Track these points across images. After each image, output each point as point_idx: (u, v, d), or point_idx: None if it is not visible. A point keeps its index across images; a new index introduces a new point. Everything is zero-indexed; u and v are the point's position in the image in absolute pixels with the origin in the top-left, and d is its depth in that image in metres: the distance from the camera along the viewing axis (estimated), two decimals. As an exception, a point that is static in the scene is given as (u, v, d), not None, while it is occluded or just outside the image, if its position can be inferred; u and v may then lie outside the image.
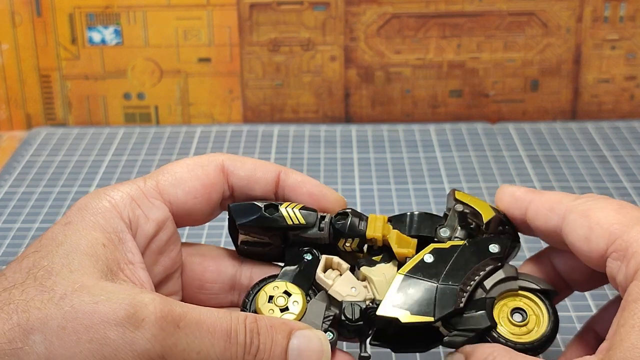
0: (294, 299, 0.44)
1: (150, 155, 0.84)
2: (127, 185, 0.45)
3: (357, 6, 0.87)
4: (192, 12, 0.88)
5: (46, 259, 0.40)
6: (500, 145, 0.85)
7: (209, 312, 0.40)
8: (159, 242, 0.45)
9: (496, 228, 0.47)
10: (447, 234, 0.47)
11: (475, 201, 0.48)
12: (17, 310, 0.37)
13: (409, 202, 0.74)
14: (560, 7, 0.87)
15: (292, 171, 0.48)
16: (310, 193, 0.47)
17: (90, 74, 0.90)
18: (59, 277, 0.39)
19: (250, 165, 0.47)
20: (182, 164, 0.47)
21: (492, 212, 0.47)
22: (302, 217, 0.45)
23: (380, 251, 0.46)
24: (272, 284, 0.44)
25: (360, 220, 0.46)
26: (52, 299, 0.38)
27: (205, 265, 0.48)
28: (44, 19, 0.87)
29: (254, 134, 0.88)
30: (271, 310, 0.43)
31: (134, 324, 0.37)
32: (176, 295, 0.47)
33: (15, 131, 0.91)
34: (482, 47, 0.88)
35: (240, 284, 0.48)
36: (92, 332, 0.37)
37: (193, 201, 0.46)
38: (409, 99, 0.90)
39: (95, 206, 0.43)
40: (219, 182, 0.47)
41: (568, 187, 0.76)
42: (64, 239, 0.41)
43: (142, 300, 0.38)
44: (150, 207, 0.45)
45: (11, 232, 0.70)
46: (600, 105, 0.91)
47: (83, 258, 0.40)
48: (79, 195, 0.76)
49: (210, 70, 0.89)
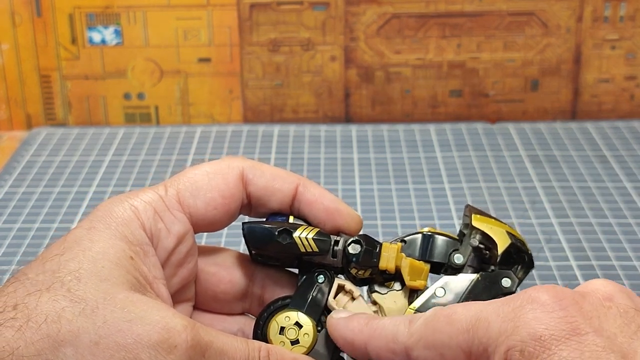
0: (304, 331, 0.44)
1: (150, 156, 0.84)
2: (149, 193, 0.44)
3: (357, 6, 0.87)
4: (192, 12, 0.88)
5: (73, 262, 0.39)
6: (500, 145, 0.85)
7: (230, 342, 0.40)
8: (178, 255, 0.45)
9: (510, 257, 0.47)
10: (461, 261, 0.46)
11: (492, 227, 0.47)
12: (46, 320, 0.37)
13: (409, 202, 0.74)
14: (560, 7, 0.87)
15: (311, 184, 0.47)
16: (326, 208, 0.47)
17: (90, 74, 0.90)
18: (89, 285, 0.38)
19: (269, 175, 0.47)
20: (201, 172, 0.46)
21: (508, 240, 0.46)
22: (315, 245, 0.45)
23: (393, 278, 0.46)
24: (284, 313, 0.45)
25: (373, 250, 0.45)
26: (84, 311, 0.37)
27: (219, 277, 0.47)
28: (44, 19, 0.87)
29: (254, 134, 0.88)
30: (282, 342, 0.44)
31: (166, 349, 0.37)
32: (190, 302, 0.47)
33: (15, 131, 0.91)
34: (482, 47, 0.88)
35: (252, 293, 0.48)
36: (125, 351, 0.37)
37: (213, 212, 0.45)
38: (409, 99, 0.90)
39: (120, 215, 0.43)
40: (238, 192, 0.46)
41: (568, 187, 0.76)
42: (90, 244, 0.41)
43: (175, 326, 0.38)
44: (172, 221, 0.44)
45: (11, 232, 0.70)
46: (600, 105, 0.91)
47: (112, 267, 0.40)
48: (79, 195, 0.76)
49: (210, 71, 0.89)
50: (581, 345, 0.35)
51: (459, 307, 0.39)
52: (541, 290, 0.37)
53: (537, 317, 0.36)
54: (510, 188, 0.76)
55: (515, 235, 0.48)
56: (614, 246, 0.67)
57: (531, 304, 0.37)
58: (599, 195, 0.75)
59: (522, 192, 0.75)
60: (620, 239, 0.68)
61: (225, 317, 0.49)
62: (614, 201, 0.74)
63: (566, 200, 0.74)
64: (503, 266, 0.46)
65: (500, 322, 0.37)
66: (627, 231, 0.69)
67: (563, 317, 0.36)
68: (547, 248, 0.67)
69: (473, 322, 0.38)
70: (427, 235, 0.47)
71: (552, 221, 0.71)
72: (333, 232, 0.47)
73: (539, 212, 0.72)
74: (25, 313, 0.37)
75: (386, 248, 0.46)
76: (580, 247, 0.67)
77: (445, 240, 0.47)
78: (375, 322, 0.42)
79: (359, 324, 0.43)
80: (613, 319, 0.37)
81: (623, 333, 0.36)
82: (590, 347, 0.35)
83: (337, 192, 0.75)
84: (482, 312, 0.38)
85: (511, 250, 0.46)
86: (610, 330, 0.36)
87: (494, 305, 0.38)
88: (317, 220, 0.47)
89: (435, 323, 0.39)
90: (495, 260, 0.46)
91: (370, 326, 0.42)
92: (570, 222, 0.70)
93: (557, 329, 0.36)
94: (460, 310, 0.39)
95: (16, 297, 0.38)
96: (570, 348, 0.35)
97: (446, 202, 0.74)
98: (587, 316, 0.36)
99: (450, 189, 0.76)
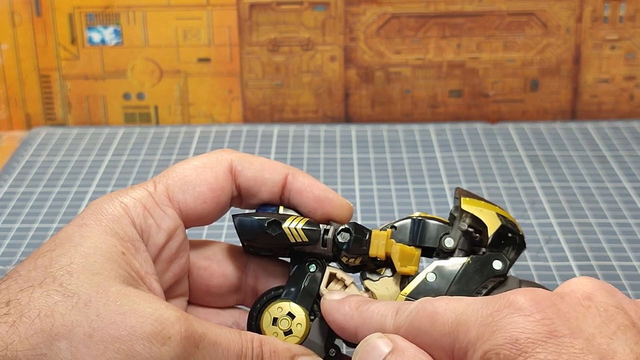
0: (297, 321, 0.44)
1: (150, 156, 0.84)
2: (138, 190, 0.45)
3: (356, 6, 0.87)
4: (191, 12, 0.88)
5: (64, 257, 0.40)
6: (500, 145, 0.85)
7: (223, 333, 0.40)
8: (169, 250, 0.45)
9: (501, 239, 0.47)
10: (452, 244, 0.46)
11: (482, 209, 0.47)
12: (40, 315, 0.37)
13: (408, 202, 0.74)
14: (560, 7, 0.87)
15: (300, 173, 0.47)
16: (316, 197, 0.47)
17: (90, 74, 0.90)
18: (81, 279, 0.39)
19: (258, 166, 0.47)
20: (190, 166, 0.46)
21: (498, 222, 0.47)
22: (305, 235, 0.45)
23: (384, 264, 0.47)
24: (277, 304, 0.45)
25: (362, 238, 0.46)
26: (77, 305, 0.37)
27: (211, 271, 0.48)
28: (43, 19, 0.87)
29: (253, 134, 0.88)
30: (275, 333, 0.44)
31: (160, 340, 0.37)
32: (184, 297, 0.47)
33: (15, 131, 0.91)
34: (482, 47, 0.88)
35: (245, 284, 0.48)
36: (119, 343, 0.37)
37: (202, 206, 0.46)
38: (409, 99, 0.90)
39: (111, 212, 0.43)
40: (228, 185, 0.46)
41: (567, 187, 0.76)
42: (81, 240, 0.41)
43: (169, 318, 0.38)
44: (162, 216, 0.44)
45: (11, 232, 0.70)
46: (600, 105, 0.91)
47: (104, 262, 0.40)
48: (79, 195, 0.76)
49: (210, 70, 0.90)
50: (559, 348, 0.35)
51: (441, 304, 0.39)
52: (519, 293, 0.38)
53: (513, 322, 0.36)
54: (510, 188, 0.76)
55: (506, 216, 0.47)
56: (614, 246, 0.67)
57: (508, 307, 0.37)
58: (598, 195, 0.75)
59: (522, 192, 0.75)
60: (620, 239, 0.68)
61: (220, 310, 0.49)
62: (614, 201, 0.74)
63: (566, 201, 0.74)
64: (494, 248, 0.46)
65: (479, 327, 0.37)
66: (626, 231, 0.69)
67: (540, 320, 0.36)
68: (547, 248, 0.67)
69: (454, 326, 0.38)
70: (418, 220, 0.47)
71: (551, 221, 0.71)
72: (323, 220, 0.47)
73: (539, 212, 0.72)
74: (18, 309, 0.37)
75: (376, 235, 0.46)
76: (580, 248, 0.67)
77: (435, 224, 0.47)
78: (364, 308, 0.43)
79: (350, 309, 0.43)
80: (592, 319, 0.37)
81: (602, 333, 0.36)
82: (568, 349, 0.35)
83: (336, 192, 0.75)
84: (462, 315, 0.38)
85: (501, 232, 0.47)
86: (588, 331, 0.36)
87: (473, 307, 0.38)
88: (307, 209, 0.47)
89: (419, 322, 0.40)
90: (486, 243, 0.46)
91: (359, 312, 0.43)
92: (569, 222, 0.70)
93: (533, 332, 0.36)
94: (442, 310, 0.39)
95: (9, 294, 0.38)
96: (548, 351, 0.35)
97: (445, 202, 0.74)
98: (565, 318, 0.36)
99: (450, 189, 0.76)
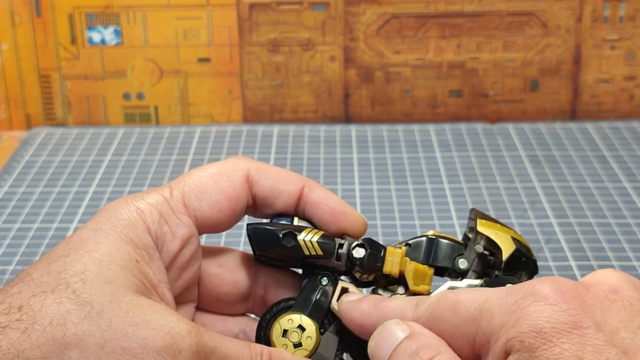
0: (307, 334, 0.44)
1: (150, 156, 0.84)
2: (154, 195, 0.44)
3: (356, 6, 0.87)
4: (191, 12, 0.88)
5: (78, 263, 0.39)
6: (500, 145, 0.85)
7: (233, 346, 0.40)
8: (182, 258, 0.45)
9: (515, 263, 0.47)
10: (465, 265, 0.46)
11: (497, 232, 0.47)
12: (52, 323, 0.37)
13: (408, 202, 0.74)
14: (560, 7, 0.87)
15: (316, 186, 0.47)
16: (331, 210, 0.46)
17: (90, 74, 0.90)
18: (94, 287, 0.38)
19: (274, 177, 0.47)
20: (206, 173, 0.46)
21: (513, 246, 0.46)
22: (320, 248, 0.45)
23: (397, 281, 0.46)
24: (287, 316, 0.45)
25: (377, 255, 0.45)
26: (90, 314, 0.37)
27: (222, 279, 0.47)
28: (43, 19, 0.87)
29: (253, 134, 0.88)
30: (285, 345, 0.44)
31: (171, 354, 0.37)
32: (192, 303, 0.47)
33: (15, 131, 0.91)
34: (482, 47, 0.88)
35: (255, 293, 0.48)
36: (130, 355, 0.37)
37: (218, 215, 0.45)
38: (409, 99, 0.90)
39: (126, 217, 0.43)
40: (244, 194, 0.46)
41: (567, 187, 0.76)
42: (95, 246, 0.40)
43: (180, 331, 0.38)
44: (178, 224, 0.44)
45: (11, 232, 0.70)
46: (600, 105, 0.91)
47: (118, 270, 0.40)
48: (79, 195, 0.76)
49: (210, 71, 0.90)
50: (583, 339, 0.35)
51: (463, 293, 0.39)
52: (544, 282, 0.38)
53: (538, 310, 0.36)
54: (510, 188, 0.76)
55: (521, 241, 0.47)
56: (614, 246, 0.67)
57: (533, 296, 0.37)
58: (598, 195, 0.75)
59: (522, 192, 0.75)
60: (620, 239, 0.68)
61: (227, 317, 0.49)
62: (614, 201, 0.74)
63: (566, 201, 0.74)
64: (507, 272, 0.46)
65: (503, 314, 0.37)
66: (626, 231, 0.69)
67: (565, 310, 0.36)
68: (547, 248, 0.67)
69: (477, 313, 0.38)
70: (432, 239, 0.47)
71: (551, 221, 0.71)
72: (338, 234, 0.47)
73: (539, 212, 0.72)
74: (31, 315, 0.37)
75: (391, 252, 0.46)
76: (580, 247, 0.67)
77: (449, 244, 0.47)
78: (383, 305, 0.43)
79: (368, 307, 0.43)
80: (617, 312, 0.37)
81: (626, 327, 0.36)
82: (592, 341, 0.35)
83: (336, 193, 0.75)
84: (486, 302, 0.38)
85: (516, 256, 0.46)
86: (612, 325, 0.36)
87: (497, 295, 0.38)
88: (322, 222, 0.47)
89: (440, 311, 0.40)
90: (499, 266, 0.46)
91: (378, 308, 0.43)
92: (569, 222, 0.70)
93: (559, 322, 0.36)
94: (463, 298, 0.39)
95: (21, 299, 0.38)
96: (572, 342, 0.35)
97: (446, 203, 0.74)
98: (590, 309, 0.36)
99: (450, 189, 0.76)
